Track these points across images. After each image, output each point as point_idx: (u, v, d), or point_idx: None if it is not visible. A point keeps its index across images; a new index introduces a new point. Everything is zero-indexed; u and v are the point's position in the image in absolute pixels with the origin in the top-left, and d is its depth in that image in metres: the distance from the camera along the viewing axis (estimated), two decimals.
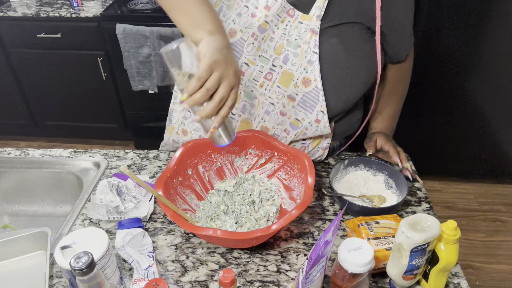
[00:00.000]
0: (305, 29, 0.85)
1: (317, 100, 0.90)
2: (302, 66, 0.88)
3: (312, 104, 0.90)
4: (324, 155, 1.05)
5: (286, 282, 0.78)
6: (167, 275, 0.80)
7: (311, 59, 0.86)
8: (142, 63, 2.19)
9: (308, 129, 0.94)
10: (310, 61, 0.87)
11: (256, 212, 0.89)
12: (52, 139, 2.83)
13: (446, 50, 1.96)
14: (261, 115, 0.94)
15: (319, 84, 0.88)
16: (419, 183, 1.01)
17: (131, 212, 0.92)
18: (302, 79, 0.88)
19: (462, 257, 1.99)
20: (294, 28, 0.86)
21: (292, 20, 0.86)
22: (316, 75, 0.87)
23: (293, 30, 0.86)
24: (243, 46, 0.89)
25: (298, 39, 0.86)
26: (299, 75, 0.88)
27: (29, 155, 1.14)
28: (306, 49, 0.86)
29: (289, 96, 0.91)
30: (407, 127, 2.20)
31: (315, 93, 0.89)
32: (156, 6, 2.23)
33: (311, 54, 0.86)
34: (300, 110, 0.92)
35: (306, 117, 0.92)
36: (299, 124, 0.93)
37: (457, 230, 0.67)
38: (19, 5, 2.37)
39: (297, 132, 0.95)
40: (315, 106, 0.90)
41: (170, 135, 1.09)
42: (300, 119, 0.93)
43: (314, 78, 0.88)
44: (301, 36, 0.86)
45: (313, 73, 0.87)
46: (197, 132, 1.03)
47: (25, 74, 2.46)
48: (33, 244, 0.86)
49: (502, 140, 2.20)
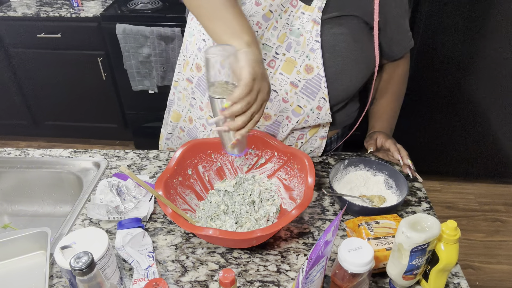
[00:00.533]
0: (307, 19, 0.88)
1: (319, 87, 0.91)
2: (305, 53, 0.89)
3: (314, 91, 0.92)
4: (322, 147, 1.06)
5: (286, 282, 0.78)
6: (167, 275, 0.80)
7: (313, 47, 0.89)
8: (142, 63, 2.20)
9: (309, 116, 0.95)
10: (313, 49, 0.89)
11: (256, 212, 0.89)
12: (52, 139, 2.83)
13: (446, 50, 1.96)
14: None
15: (321, 71, 0.90)
16: (419, 183, 1.01)
17: (131, 212, 0.92)
18: (305, 66, 0.90)
19: (462, 257, 1.99)
20: (296, 18, 0.89)
21: (295, 11, 0.89)
22: (319, 62, 0.89)
23: (296, 20, 0.89)
24: None
25: (300, 28, 0.89)
26: (301, 62, 0.90)
27: (29, 155, 1.14)
28: (308, 37, 0.89)
29: (292, 83, 0.92)
30: (407, 127, 2.20)
31: (317, 80, 0.91)
32: (156, 6, 2.24)
33: (313, 43, 0.89)
34: (302, 97, 0.93)
35: (308, 103, 0.94)
36: (301, 111, 0.95)
37: (457, 230, 0.67)
38: (19, 5, 2.37)
39: (298, 119, 0.96)
40: (317, 93, 0.92)
41: (178, 122, 1.12)
42: (302, 105, 0.94)
43: (317, 65, 0.90)
44: (303, 25, 0.88)
45: (315, 61, 0.89)
46: (200, 120, 1.05)
47: (25, 74, 2.46)
48: (33, 244, 0.86)
49: (502, 140, 2.20)
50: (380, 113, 1.10)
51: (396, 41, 1.00)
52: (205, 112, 1.03)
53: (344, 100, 1.00)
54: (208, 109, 1.01)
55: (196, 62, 0.97)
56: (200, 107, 1.03)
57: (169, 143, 1.20)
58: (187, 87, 1.04)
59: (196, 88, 1.01)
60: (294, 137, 1.02)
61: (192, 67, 0.99)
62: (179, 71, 1.06)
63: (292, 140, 1.02)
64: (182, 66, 1.04)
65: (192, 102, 1.05)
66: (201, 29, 0.94)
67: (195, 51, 0.96)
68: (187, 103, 1.07)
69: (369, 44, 0.93)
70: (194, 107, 1.05)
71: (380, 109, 1.10)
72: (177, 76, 1.07)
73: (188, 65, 1.00)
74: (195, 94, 1.03)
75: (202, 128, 1.06)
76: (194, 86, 1.02)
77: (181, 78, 1.06)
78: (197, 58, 0.96)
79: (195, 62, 0.97)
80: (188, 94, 1.05)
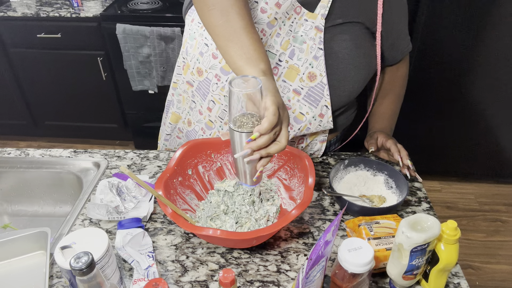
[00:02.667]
0: (310, 26, 0.88)
1: (322, 95, 0.91)
2: (308, 61, 0.89)
3: (317, 99, 0.92)
4: (322, 149, 1.06)
5: (286, 282, 0.78)
6: (167, 275, 0.80)
7: (316, 55, 0.89)
8: (142, 63, 2.19)
9: (311, 124, 0.95)
10: (316, 57, 0.89)
11: (256, 212, 0.89)
12: (52, 139, 2.83)
13: (446, 50, 1.96)
14: None
15: (324, 79, 0.90)
16: (419, 183, 1.02)
17: (131, 212, 0.92)
18: (308, 74, 0.90)
19: (462, 257, 1.99)
20: (300, 25, 0.88)
21: (298, 18, 0.88)
22: (322, 70, 0.89)
23: (299, 27, 0.89)
24: None
25: (304, 35, 0.88)
26: (304, 69, 0.90)
27: (29, 155, 1.14)
28: (311, 45, 0.88)
29: (295, 90, 0.92)
30: (407, 127, 2.20)
31: (320, 87, 0.91)
32: (156, 6, 2.24)
33: (316, 50, 0.88)
34: (305, 105, 0.93)
35: (310, 111, 0.93)
36: (303, 118, 0.94)
37: (457, 230, 0.67)
38: (19, 5, 2.37)
39: (300, 126, 0.96)
40: (319, 101, 0.92)
41: (177, 124, 1.12)
42: (304, 113, 0.94)
43: (320, 73, 0.89)
44: (306, 33, 0.88)
45: (318, 68, 0.89)
46: (199, 124, 1.05)
47: (25, 74, 2.46)
48: (33, 244, 0.86)
49: (502, 140, 2.20)
50: (380, 113, 1.11)
51: (396, 46, 1.01)
52: (204, 116, 1.02)
53: (345, 106, 1.00)
54: (208, 114, 1.01)
55: (197, 66, 0.96)
56: (200, 111, 1.03)
57: (168, 144, 1.20)
58: (188, 90, 1.03)
59: (196, 92, 1.01)
60: (295, 142, 1.02)
61: (193, 71, 0.98)
62: (178, 73, 1.06)
63: (292, 144, 1.02)
64: (181, 68, 1.03)
65: (192, 105, 1.05)
66: (203, 33, 0.93)
67: (196, 55, 0.96)
68: (187, 105, 1.07)
69: (371, 50, 0.93)
70: (193, 110, 1.05)
71: (380, 109, 1.11)
72: (176, 77, 1.07)
73: (188, 68, 0.99)
74: (195, 98, 1.03)
75: (201, 132, 1.05)
76: (194, 90, 1.01)
77: (180, 80, 1.05)
78: (198, 62, 0.96)
79: (196, 66, 0.96)
80: (188, 97, 1.05)
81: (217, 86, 0.94)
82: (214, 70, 0.93)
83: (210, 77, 0.95)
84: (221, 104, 0.96)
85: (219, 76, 0.93)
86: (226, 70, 0.92)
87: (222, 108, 0.97)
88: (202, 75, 0.96)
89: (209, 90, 0.96)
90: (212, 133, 1.04)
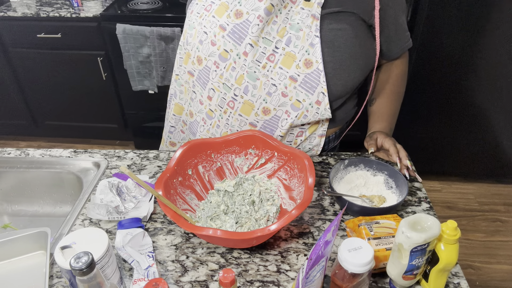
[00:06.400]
0: (306, 14, 0.89)
1: (318, 82, 0.92)
2: (304, 48, 0.90)
3: (313, 85, 0.93)
4: (321, 145, 1.06)
5: (286, 282, 0.78)
6: (167, 275, 0.80)
7: (312, 42, 0.90)
8: (142, 63, 2.19)
9: (309, 111, 0.95)
10: (312, 44, 0.90)
11: (256, 212, 0.89)
12: (52, 139, 2.83)
13: (445, 50, 1.96)
14: (263, 96, 0.95)
15: (320, 65, 0.91)
16: (419, 183, 1.01)
17: (131, 212, 0.92)
18: (304, 61, 0.91)
19: (462, 257, 1.99)
20: (296, 13, 0.90)
21: (294, 6, 0.90)
22: (318, 57, 0.90)
23: (295, 15, 0.90)
24: (249, 27, 0.91)
25: (300, 23, 0.90)
26: (301, 56, 0.91)
27: (29, 155, 1.14)
28: (308, 32, 0.90)
29: (291, 77, 0.93)
30: (407, 127, 2.21)
31: (316, 74, 0.91)
32: (156, 6, 2.24)
33: (312, 38, 0.89)
34: (302, 91, 0.94)
35: (307, 98, 0.94)
36: (300, 105, 0.95)
37: (457, 230, 0.67)
38: (19, 5, 2.37)
39: (297, 113, 0.96)
40: (316, 87, 0.93)
41: (181, 116, 1.13)
42: (301, 100, 0.94)
43: (316, 60, 0.90)
44: (303, 20, 0.90)
45: (314, 55, 0.90)
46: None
47: (25, 74, 2.46)
48: (33, 244, 0.86)
49: (502, 140, 2.20)
50: (379, 113, 1.11)
51: (394, 40, 1.02)
52: (205, 106, 1.02)
53: (343, 97, 1.00)
54: (208, 103, 1.01)
55: (197, 55, 0.97)
56: (200, 101, 1.03)
57: (172, 136, 1.19)
58: (189, 80, 1.04)
59: (196, 82, 1.01)
60: (293, 134, 1.02)
61: (193, 60, 0.99)
62: (180, 65, 1.06)
63: (291, 136, 1.02)
64: (183, 59, 1.04)
65: (192, 96, 1.05)
66: (202, 22, 0.95)
67: (196, 44, 0.97)
68: (188, 96, 1.08)
69: (368, 41, 0.95)
70: (194, 101, 1.06)
71: (379, 109, 1.11)
72: (178, 69, 1.07)
73: (189, 57, 1.00)
74: (195, 88, 1.03)
75: (202, 122, 1.05)
76: (195, 80, 1.01)
77: (182, 71, 1.06)
78: (198, 51, 0.97)
79: (197, 55, 0.97)
80: (189, 88, 1.05)
81: (216, 73, 0.95)
82: (213, 57, 0.94)
83: (210, 64, 0.96)
84: (220, 92, 0.97)
85: (218, 63, 0.94)
86: (224, 57, 0.93)
87: (222, 96, 0.97)
88: (202, 63, 0.97)
89: (208, 78, 0.97)
90: (212, 123, 1.03)
